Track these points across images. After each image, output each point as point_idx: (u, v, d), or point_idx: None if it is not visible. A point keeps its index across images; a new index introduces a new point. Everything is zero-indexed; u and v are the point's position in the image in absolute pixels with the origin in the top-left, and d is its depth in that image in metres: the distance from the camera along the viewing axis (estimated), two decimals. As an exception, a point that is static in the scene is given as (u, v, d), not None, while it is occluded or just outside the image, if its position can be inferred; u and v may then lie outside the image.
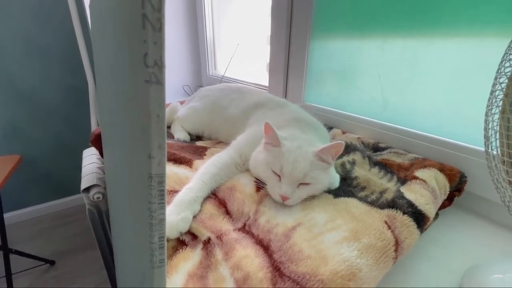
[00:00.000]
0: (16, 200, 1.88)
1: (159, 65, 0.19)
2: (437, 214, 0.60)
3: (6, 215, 1.71)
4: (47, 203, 1.99)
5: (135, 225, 0.27)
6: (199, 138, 0.95)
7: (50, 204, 2.00)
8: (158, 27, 0.18)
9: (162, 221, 0.23)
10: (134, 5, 0.17)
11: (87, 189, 0.82)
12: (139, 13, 0.17)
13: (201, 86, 1.72)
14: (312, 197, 0.56)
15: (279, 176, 0.54)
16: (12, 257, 1.41)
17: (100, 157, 0.99)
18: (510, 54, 0.40)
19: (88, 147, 1.00)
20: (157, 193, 0.22)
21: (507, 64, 0.41)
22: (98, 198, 0.82)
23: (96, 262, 1.58)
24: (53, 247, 1.72)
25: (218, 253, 0.42)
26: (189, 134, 0.93)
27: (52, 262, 1.60)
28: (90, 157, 1.03)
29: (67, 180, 1.97)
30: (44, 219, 1.95)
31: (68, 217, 1.97)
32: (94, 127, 1.33)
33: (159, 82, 0.19)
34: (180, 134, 0.90)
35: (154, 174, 0.21)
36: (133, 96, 0.21)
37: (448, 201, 0.63)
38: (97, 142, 0.87)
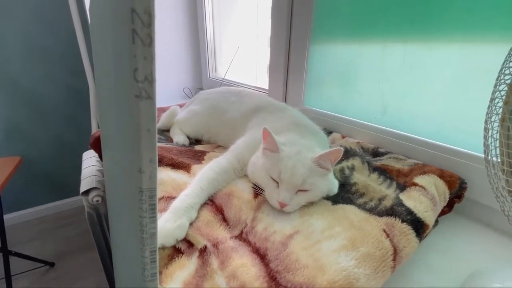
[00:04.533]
0: (16, 201, 1.88)
1: (149, 80, 0.18)
2: (436, 221, 0.60)
3: (6, 216, 1.71)
4: (47, 204, 2.00)
5: (128, 237, 0.27)
6: (198, 141, 0.95)
7: (50, 205, 2.00)
8: (148, 42, 0.18)
9: (154, 235, 0.22)
10: (124, 20, 0.17)
11: (86, 192, 0.82)
12: (129, 28, 0.17)
13: (202, 88, 1.72)
14: (310, 204, 0.56)
15: (277, 182, 0.54)
16: (12, 258, 1.41)
17: (99, 159, 0.99)
18: (510, 61, 0.40)
19: (88, 149, 1.00)
20: (148, 207, 0.21)
21: (507, 72, 0.40)
22: (97, 201, 0.82)
23: (96, 263, 1.57)
24: (53, 248, 1.72)
25: (214, 262, 0.42)
26: (189, 137, 0.93)
27: (52, 264, 1.60)
28: (89, 160, 1.03)
29: (67, 182, 1.97)
30: (44, 221, 1.95)
31: (68, 218, 1.97)
32: (94, 128, 1.33)
33: (150, 97, 0.19)
34: (179, 137, 0.90)
35: (145, 188, 0.21)
36: (125, 109, 0.21)
37: (448, 208, 0.62)
38: (97, 145, 0.87)
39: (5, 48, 1.58)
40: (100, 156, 0.92)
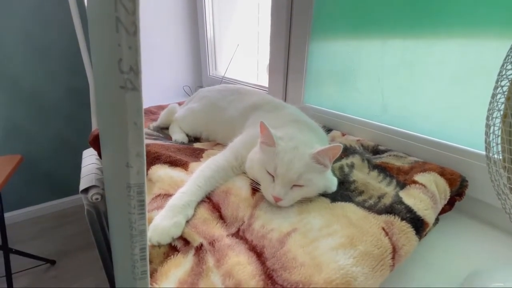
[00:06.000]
0: (17, 199, 1.88)
1: (135, 70, 0.18)
2: (437, 219, 0.59)
3: (6, 215, 1.72)
4: (48, 203, 2.00)
5: (119, 235, 0.26)
6: (197, 139, 0.94)
7: (51, 203, 2.01)
8: (133, 31, 0.17)
9: (143, 232, 0.22)
10: (108, 7, 0.17)
11: (86, 190, 0.82)
12: (112, 16, 0.16)
13: (202, 86, 1.71)
14: (308, 201, 0.55)
15: (273, 176, 0.53)
16: (12, 256, 1.41)
17: (99, 157, 0.99)
18: (512, 56, 0.39)
19: (88, 147, 1.00)
20: (136, 204, 0.21)
21: (509, 67, 0.40)
22: (96, 199, 0.82)
23: (97, 261, 1.56)
24: (54, 246, 1.73)
25: (210, 260, 0.41)
26: (187, 135, 0.92)
27: (52, 262, 1.61)
28: (89, 158, 1.03)
29: (67, 180, 1.98)
30: (45, 219, 1.95)
31: (68, 216, 1.98)
32: (94, 126, 1.33)
33: (135, 88, 0.18)
34: (177, 135, 0.89)
35: (133, 183, 0.20)
36: (112, 102, 0.21)
37: (449, 206, 0.62)
38: (96, 143, 0.86)
39: (5, 47, 1.58)
40: (100, 154, 0.92)
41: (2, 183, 1.22)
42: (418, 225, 0.49)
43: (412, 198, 0.54)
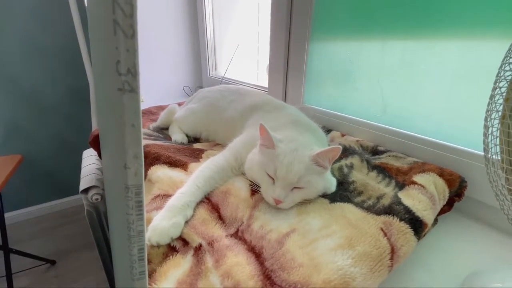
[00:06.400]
0: (17, 199, 1.88)
1: (133, 72, 0.18)
2: (436, 220, 0.59)
3: (7, 215, 1.72)
4: (48, 203, 2.00)
5: (118, 235, 0.27)
6: (197, 140, 0.94)
7: (51, 203, 2.01)
8: (131, 34, 0.17)
9: (141, 232, 0.22)
10: (105, 10, 0.17)
11: (86, 190, 0.82)
12: (110, 19, 0.17)
13: (201, 87, 1.71)
14: (307, 202, 0.55)
15: (273, 178, 0.54)
16: (13, 256, 1.42)
17: (99, 158, 0.99)
18: (510, 57, 0.39)
19: (88, 147, 1.00)
20: (134, 205, 0.21)
21: (507, 68, 0.40)
22: (96, 199, 0.82)
23: (97, 261, 1.57)
24: (54, 246, 1.73)
25: (209, 260, 0.41)
26: (187, 136, 0.92)
27: (52, 262, 1.61)
28: (89, 158, 1.03)
29: (68, 180, 1.98)
30: (45, 219, 1.95)
31: (69, 216, 1.98)
32: (95, 127, 1.33)
33: (133, 90, 0.18)
34: (177, 136, 0.90)
35: (131, 185, 0.20)
36: (110, 104, 0.21)
37: (448, 206, 0.62)
38: (96, 143, 0.87)
39: (5, 47, 1.58)
40: (100, 154, 0.92)
41: (2, 183, 1.22)
42: (417, 225, 0.49)
43: (411, 198, 0.54)
